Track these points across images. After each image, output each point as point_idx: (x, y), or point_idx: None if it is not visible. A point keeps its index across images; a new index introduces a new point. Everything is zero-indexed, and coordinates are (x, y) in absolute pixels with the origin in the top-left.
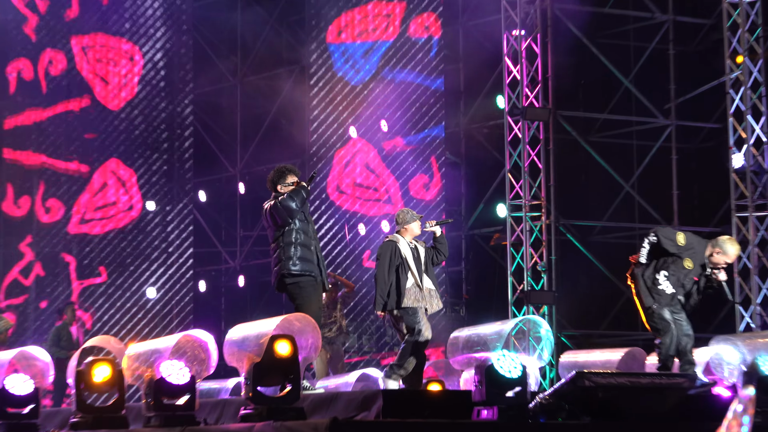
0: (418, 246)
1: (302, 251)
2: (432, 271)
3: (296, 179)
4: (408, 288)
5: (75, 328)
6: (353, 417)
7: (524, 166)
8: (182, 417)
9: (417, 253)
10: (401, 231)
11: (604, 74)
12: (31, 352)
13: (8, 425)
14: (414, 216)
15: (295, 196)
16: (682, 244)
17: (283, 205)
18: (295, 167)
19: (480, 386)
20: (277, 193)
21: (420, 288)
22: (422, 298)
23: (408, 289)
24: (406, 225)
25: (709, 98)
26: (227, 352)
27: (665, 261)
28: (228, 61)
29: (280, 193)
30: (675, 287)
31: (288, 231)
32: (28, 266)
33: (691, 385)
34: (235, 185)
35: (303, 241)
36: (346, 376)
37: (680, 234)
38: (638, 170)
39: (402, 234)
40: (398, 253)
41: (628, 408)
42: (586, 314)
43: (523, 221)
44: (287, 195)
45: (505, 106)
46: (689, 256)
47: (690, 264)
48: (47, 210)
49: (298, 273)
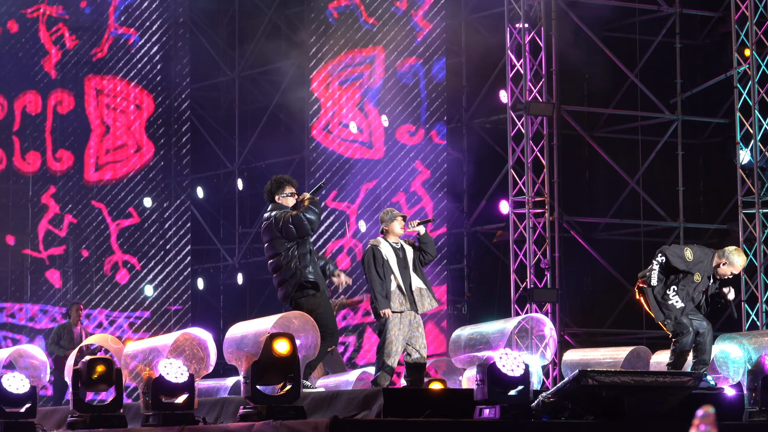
0: (405, 246)
1: (314, 264)
2: (421, 270)
3: (293, 190)
4: (392, 291)
5: (79, 328)
6: (354, 416)
7: (527, 161)
8: (181, 416)
9: (403, 254)
10: (385, 232)
11: (609, 68)
12: (28, 350)
13: (6, 424)
14: (393, 215)
15: (315, 208)
16: (691, 260)
17: (307, 219)
18: (293, 178)
19: (482, 385)
20: (276, 204)
21: (402, 291)
22: (405, 300)
23: (392, 292)
24: (386, 225)
25: (716, 93)
26: (226, 351)
27: (676, 278)
28: (225, 55)
29: (278, 204)
30: (685, 301)
31: (302, 242)
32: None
33: (695, 384)
34: (233, 181)
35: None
36: (347, 375)
37: (687, 249)
38: (643, 166)
39: (386, 235)
40: (380, 255)
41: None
42: (590, 312)
43: (526, 218)
44: (308, 208)
45: (507, 101)
46: (698, 270)
47: (699, 277)
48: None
49: (313, 280)
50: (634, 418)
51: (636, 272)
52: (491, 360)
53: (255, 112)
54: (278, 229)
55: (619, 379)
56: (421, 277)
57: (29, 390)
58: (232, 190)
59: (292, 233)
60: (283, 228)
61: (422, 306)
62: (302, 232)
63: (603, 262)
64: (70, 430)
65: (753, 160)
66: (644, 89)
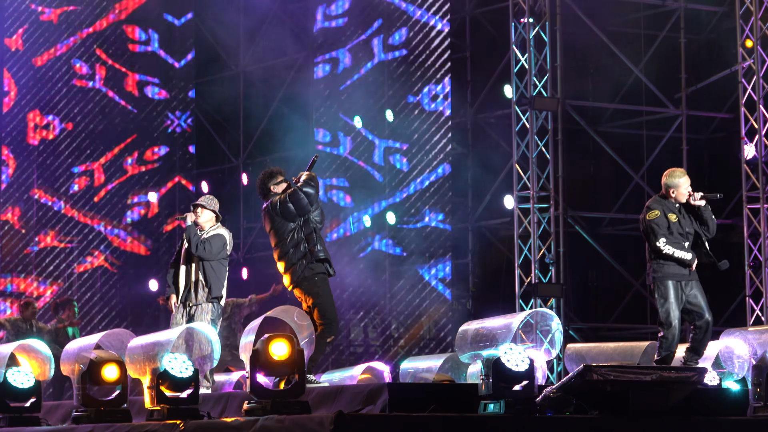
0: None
1: (322, 241)
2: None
3: (284, 178)
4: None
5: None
6: (358, 411)
7: (532, 156)
8: (185, 410)
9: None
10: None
11: (613, 63)
12: (32, 344)
13: (10, 419)
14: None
15: (312, 182)
16: (658, 215)
17: (304, 192)
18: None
19: (487, 380)
20: (272, 194)
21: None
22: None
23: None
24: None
25: (720, 88)
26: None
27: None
28: (230, 50)
29: (273, 193)
30: (684, 239)
31: (305, 222)
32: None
33: (700, 380)
34: (237, 176)
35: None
36: (352, 370)
37: (651, 212)
38: (648, 161)
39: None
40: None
41: (636, 402)
42: (595, 307)
43: (530, 213)
44: (304, 182)
45: (512, 96)
46: (667, 212)
47: (674, 217)
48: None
49: (323, 258)
50: (638, 413)
51: (641, 267)
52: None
53: (260, 107)
54: (277, 212)
55: (623, 374)
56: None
57: (34, 384)
58: (237, 185)
59: (290, 212)
60: (282, 208)
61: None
62: (300, 208)
63: (607, 257)
64: (74, 424)
65: (758, 155)
66: (649, 84)
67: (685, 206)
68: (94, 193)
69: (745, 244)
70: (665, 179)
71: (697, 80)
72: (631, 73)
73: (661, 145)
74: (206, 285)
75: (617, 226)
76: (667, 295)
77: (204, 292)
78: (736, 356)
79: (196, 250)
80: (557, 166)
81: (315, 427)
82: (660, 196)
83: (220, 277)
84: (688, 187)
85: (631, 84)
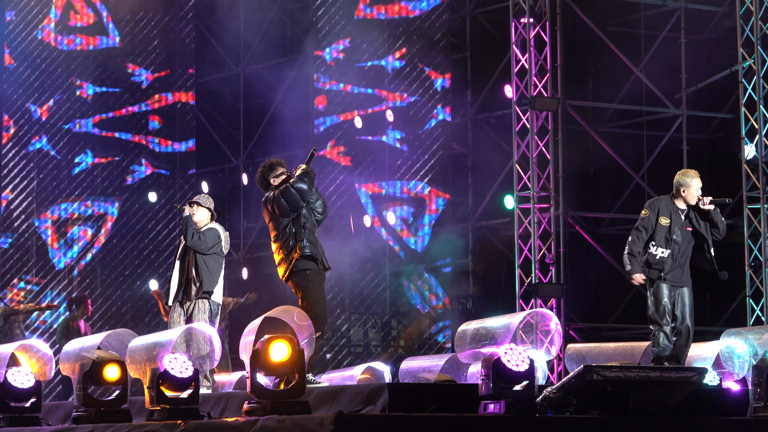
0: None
1: (312, 236)
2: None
3: (285, 169)
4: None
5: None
6: (358, 411)
7: (532, 156)
8: (185, 410)
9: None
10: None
11: (614, 63)
12: (33, 344)
13: (11, 418)
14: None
15: (305, 177)
16: (646, 215)
17: (295, 188)
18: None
19: (487, 380)
20: (273, 186)
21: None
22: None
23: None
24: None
25: (721, 88)
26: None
27: (652, 234)
28: (230, 50)
29: (274, 185)
30: (666, 246)
31: (297, 216)
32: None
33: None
34: (238, 176)
35: (311, 227)
36: (352, 370)
37: (642, 211)
38: (648, 161)
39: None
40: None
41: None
42: (595, 307)
43: (531, 213)
44: (297, 177)
45: (513, 96)
46: (659, 215)
47: (665, 220)
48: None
49: (309, 255)
50: (638, 413)
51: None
52: (496, 355)
53: (260, 107)
54: (272, 206)
55: (623, 374)
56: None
57: (34, 384)
58: (237, 185)
59: (284, 207)
60: (276, 203)
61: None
62: (293, 204)
63: (608, 257)
64: (75, 424)
65: (758, 155)
66: (649, 84)
67: (696, 210)
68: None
69: (745, 244)
70: (678, 177)
71: (697, 80)
72: (631, 73)
73: (661, 145)
74: (197, 280)
75: (617, 226)
76: (658, 294)
77: (196, 287)
78: (736, 356)
79: (191, 239)
80: (557, 166)
81: (315, 427)
82: (666, 197)
83: (213, 273)
84: (699, 189)
85: (631, 84)
